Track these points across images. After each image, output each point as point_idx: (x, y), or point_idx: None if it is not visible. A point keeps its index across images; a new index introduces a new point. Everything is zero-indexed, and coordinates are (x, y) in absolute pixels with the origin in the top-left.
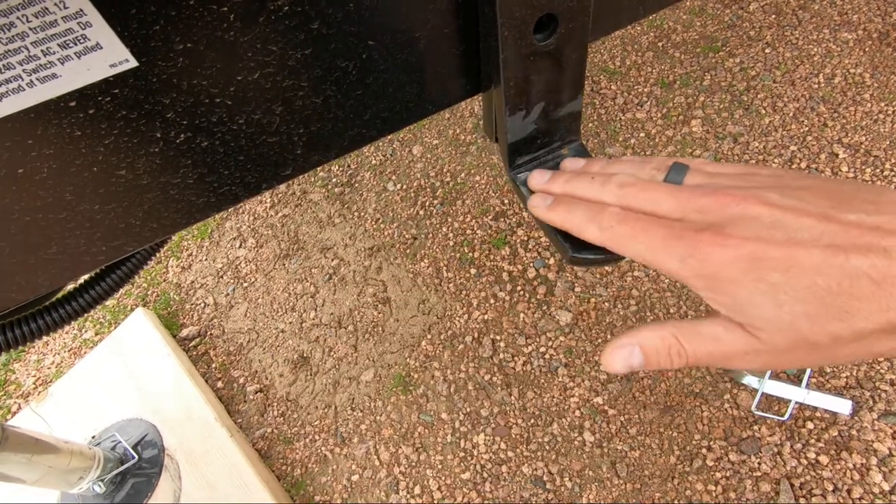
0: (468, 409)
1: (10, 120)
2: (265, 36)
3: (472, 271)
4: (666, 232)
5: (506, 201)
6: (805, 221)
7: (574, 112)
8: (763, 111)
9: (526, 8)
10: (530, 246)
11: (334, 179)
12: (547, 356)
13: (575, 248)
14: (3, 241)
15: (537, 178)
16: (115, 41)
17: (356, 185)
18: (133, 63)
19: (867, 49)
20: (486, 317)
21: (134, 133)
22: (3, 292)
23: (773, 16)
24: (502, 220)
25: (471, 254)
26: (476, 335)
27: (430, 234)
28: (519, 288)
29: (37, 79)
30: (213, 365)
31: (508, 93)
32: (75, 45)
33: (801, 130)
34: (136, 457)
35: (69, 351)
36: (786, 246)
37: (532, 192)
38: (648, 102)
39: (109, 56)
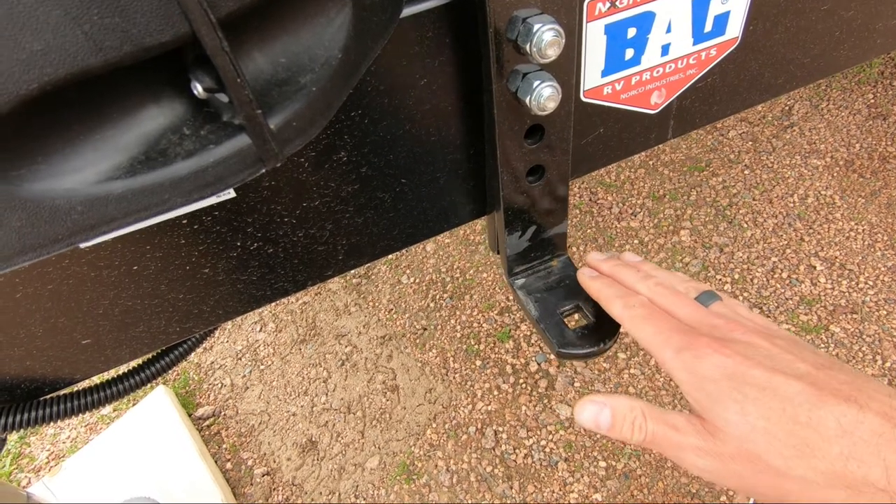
0: (469, 501)
1: (137, 231)
2: (327, 176)
3: (478, 363)
4: (674, 325)
5: (510, 297)
6: (797, 364)
7: (561, 233)
8: (745, 225)
9: (520, 161)
10: (533, 340)
11: (353, 271)
12: (547, 449)
13: (561, 344)
14: (106, 320)
15: (594, 256)
16: None
17: (372, 276)
18: (232, 195)
19: (835, 174)
20: (489, 408)
21: (221, 242)
22: (94, 363)
23: (750, 142)
24: (507, 314)
25: (477, 346)
26: (479, 426)
27: (440, 326)
28: (521, 381)
29: None
30: (224, 445)
31: (507, 219)
32: None
33: (781, 244)
34: None
35: (86, 426)
36: (770, 371)
37: (527, 294)
38: (641, 213)
39: None
